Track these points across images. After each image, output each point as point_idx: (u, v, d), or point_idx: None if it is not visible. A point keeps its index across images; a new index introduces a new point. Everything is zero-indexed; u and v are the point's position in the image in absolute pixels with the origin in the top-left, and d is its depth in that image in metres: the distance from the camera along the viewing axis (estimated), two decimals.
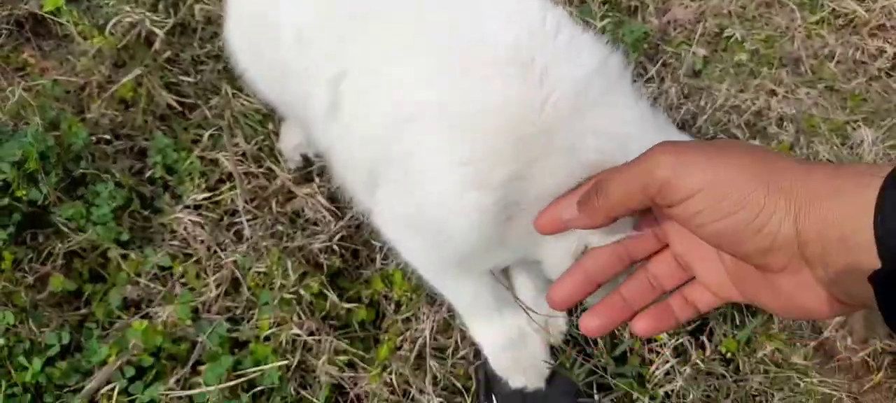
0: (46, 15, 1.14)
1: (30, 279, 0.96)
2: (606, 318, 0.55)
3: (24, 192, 0.97)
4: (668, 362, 1.00)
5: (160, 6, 1.17)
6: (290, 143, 1.14)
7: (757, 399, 1.03)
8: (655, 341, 1.02)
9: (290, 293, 0.99)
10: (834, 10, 1.55)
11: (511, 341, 0.93)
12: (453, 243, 0.65)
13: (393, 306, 1.05)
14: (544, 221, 0.55)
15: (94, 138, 1.05)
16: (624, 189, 0.48)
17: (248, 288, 1.01)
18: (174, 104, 1.13)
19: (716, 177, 0.44)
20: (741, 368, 1.03)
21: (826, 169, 0.42)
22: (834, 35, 1.53)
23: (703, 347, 1.02)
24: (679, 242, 0.54)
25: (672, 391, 0.98)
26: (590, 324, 0.55)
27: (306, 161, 1.15)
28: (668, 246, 0.55)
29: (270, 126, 1.18)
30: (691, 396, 0.95)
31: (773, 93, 1.42)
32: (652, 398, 0.97)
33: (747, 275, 0.49)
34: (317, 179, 1.11)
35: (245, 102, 1.18)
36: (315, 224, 1.09)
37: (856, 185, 0.39)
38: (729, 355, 1.03)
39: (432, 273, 0.84)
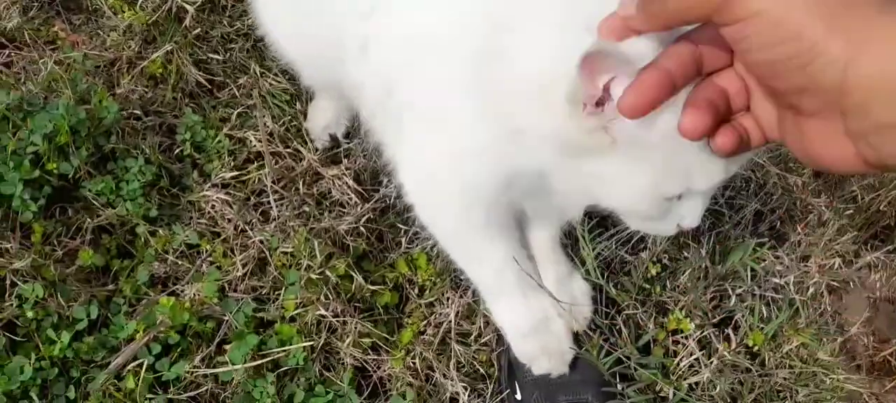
0: None
1: (59, 253, 0.95)
2: (702, 115, 0.48)
3: (54, 165, 0.96)
4: (693, 354, 0.98)
5: None
6: (319, 124, 1.13)
7: (781, 394, 1.01)
8: (680, 332, 1.01)
9: (316, 274, 0.98)
10: None
11: (534, 326, 0.91)
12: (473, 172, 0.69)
13: (417, 290, 1.04)
14: (604, 25, 0.51)
15: (124, 113, 1.03)
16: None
17: (275, 268, 1.00)
18: (203, 81, 1.12)
19: (778, 2, 0.41)
20: (766, 362, 1.01)
21: None
22: None
23: (728, 340, 1.00)
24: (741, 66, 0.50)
25: (697, 383, 0.97)
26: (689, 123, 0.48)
27: (334, 142, 1.14)
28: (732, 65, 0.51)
29: (298, 105, 1.16)
30: (718, 388, 0.94)
31: None
32: (676, 389, 0.96)
33: (787, 117, 0.47)
34: (344, 161, 1.09)
35: (273, 82, 1.16)
36: (342, 205, 1.08)
37: None
38: (755, 348, 1.01)
39: (457, 239, 0.84)
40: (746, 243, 0.99)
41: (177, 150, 1.08)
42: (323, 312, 0.95)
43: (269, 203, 1.05)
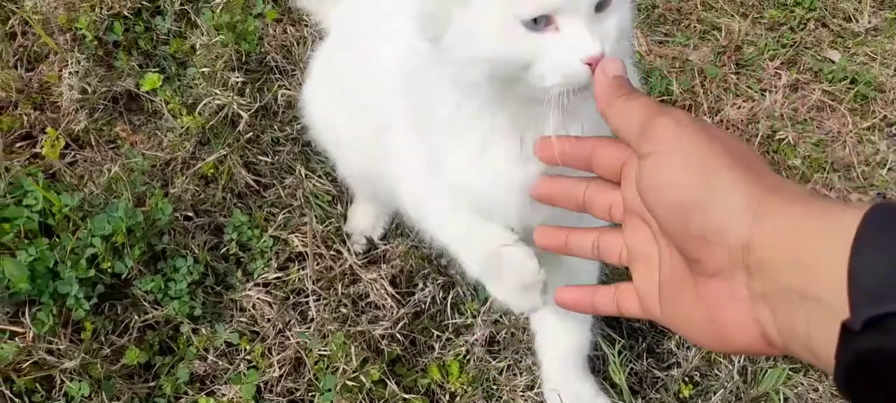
0: (140, 92, 1.16)
1: (107, 350, 0.95)
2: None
3: (109, 264, 0.97)
4: None
5: (247, 90, 1.19)
6: (358, 226, 1.14)
7: None
8: None
9: (351, 378, 0.97)
10: (885, 116, 1.51)
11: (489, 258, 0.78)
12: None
13: (447, 396, 1.02)
14: (540, 145, 0.56)
15: (176, 215, 1.05)
16: (635, 108, 0.47)
17: (310, 370, 0.99)
18: (252, 183, 1.14)
19: (700, 147, 0.41)
20: None
21: (806, 190, 0.39)
22: (885, 142, 1.49)
23: None
24: (631, 232, 0.50)
25: None
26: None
27: (371, 244, 1.14)
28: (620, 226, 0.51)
29: (339, 208, 1.17)
30: None
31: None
32: None
33: (676, 280, 0.45)
34: (383, 266, 1.09)
35: (317, 183, 1.17)
36: (378, 308, 1.07)
37: (833, 211, 0.35)
38: None
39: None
40: (780, 368, 0.95)
41: (223, 249, 1.08)
42: None
43: (308, 303, 1.05)
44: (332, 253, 1.10)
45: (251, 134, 1.17)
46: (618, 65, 0.50)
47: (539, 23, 0.52)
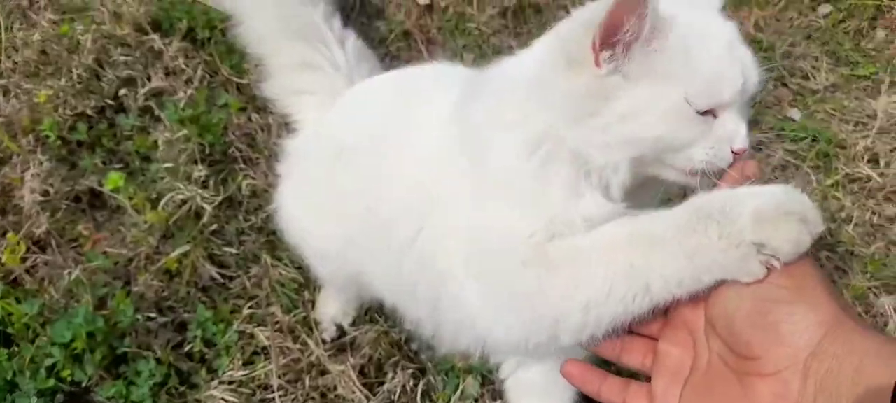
0: (104, 190, 1.18)
1: None
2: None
3: (69, 373, 0.97)
4: None
5: (211, 182, 1.21)
6: (328, 313, 1.14)
7: None
8: None
9: None
10: (848, 174, 1.56)
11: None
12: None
13: None
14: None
15: (138, 317, 1.05)
16: None
17: None
18: (217, 276, 1.15)
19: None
20: None
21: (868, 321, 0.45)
22: (850, 198, 1.53)
23: None
24: (669, 339, 0.55)
25: None
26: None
27: (341, 331, 1.15)
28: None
29: (306, 294, 1.18)
30: None
31: None
32: None
33: (713, 380, 0.50)
34: (350, 358, 1.10)
35: (283, 272, 1.19)
36: (347, 400, 1.07)
37: (891, 346, 0.42)
38: None
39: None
40: None
41: (188, 346, 1.09)
42: None
43: (274, 400, 1.05)
44: (299, 345, 1.10)
45: (216, 225, 1.18)
46: (755, 169, 0.57)
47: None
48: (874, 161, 1.56)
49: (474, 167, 0.67)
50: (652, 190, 0.65)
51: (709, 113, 0.57)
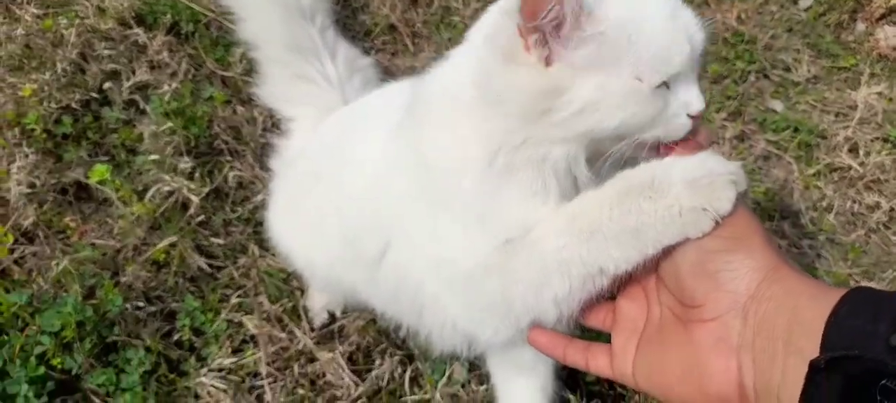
0: (89, 182, 1.22)
1: None
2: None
3: (59, 361, 1.01)
4: None
5: (197, 174, 1.26)
6: (318, 302, 1.19)
7: None
8: None
9: None
10: (829, 163, 1.64)
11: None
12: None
13: None
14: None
15: (127, 306, 1.10)
16: None
17: None
18: (204, 266, 1.19)
19: (741, 214, 0.52)
20: None
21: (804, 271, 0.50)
22: (831, 187, 1.61)
23: None
24: (627, 298, 0.61)
25: None
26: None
27: (332, 318, 1.20)
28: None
29: (295, 282, 1.23)
30: None
31: None
32: None
33: (664, 332, 0.54)
34: (339, 346, 1.15)
35: (270, 262, 1.24)
36: (336, 386, 1.12)
37: (825, 289, 0.46)
38: None
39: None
40: None
41: (176, 335, 1.13)
42: None
43: (263, 387, 1.10)
44: (286, 334, 1.15)
45: (203, 216, 1.23)
46: (708, 136, 0.61)
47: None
48: (854, 151, 1.64)
49: (425, 191, 0.69)
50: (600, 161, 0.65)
51: (662, 85, 0.59)
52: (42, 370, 0.99)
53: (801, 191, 1.60)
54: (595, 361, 0.60)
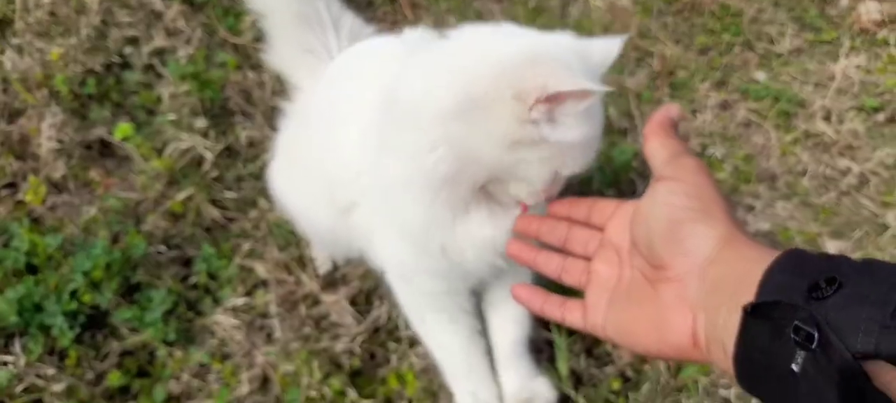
0: (113, 140, 1.32)
1: (90, 374, 1.09)
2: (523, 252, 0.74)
3: (89, 297, 1.12)
4: None
5: (211, 133, 1.36)
6: (323, 253, 1.29)
7: None
8: None
9: (314, 390, 1.12)
10: (806, 131, 1.72)
11: None
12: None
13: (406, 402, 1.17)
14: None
15: (150, 250, 1.20)
16: (672, 144, 0.63)
17: (277, 385, 1.14)
18: (218, 218, 1.29)
19: (707, 186, 0.58)
20: None
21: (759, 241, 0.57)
22: (807, 153, 1.69)
23: None
24: (602, 259, 0.68)
25: None
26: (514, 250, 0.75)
27: (335, 266, 1.30)
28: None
29: (301, 235, 1.33)
30: None
31: (750, 208, 1.57)
32: None
33: (632, 290, 0.62)
34: (342, 289, 1.25)
35: (278, 215, 1.34)
36: (339, 326, 1.23)
37: (770, 252, 0.52)
38: None
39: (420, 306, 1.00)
40: None
41: (193, 279, 1.24)
42: None
43: (273, 325, 1.20)
44: (293, 278, 1.25)
45: (217, 172, 1.33)
46: (677, 111, 0.68)
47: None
48: (828, 118, 1.72)
49: (380, 192, 0.82)
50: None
51: None
52: (74, 305, 1.10)
53: (779, 156, 1.68)
54: (570, 314, 0.68)
